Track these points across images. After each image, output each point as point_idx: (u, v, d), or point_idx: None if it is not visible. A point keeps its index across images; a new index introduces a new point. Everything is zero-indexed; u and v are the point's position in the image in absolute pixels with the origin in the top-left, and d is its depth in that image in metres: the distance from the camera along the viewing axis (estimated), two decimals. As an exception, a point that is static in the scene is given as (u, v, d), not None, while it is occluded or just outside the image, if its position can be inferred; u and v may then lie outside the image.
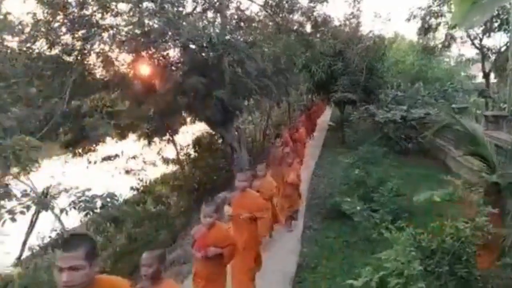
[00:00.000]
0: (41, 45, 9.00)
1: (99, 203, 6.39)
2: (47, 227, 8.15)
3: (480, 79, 34.22)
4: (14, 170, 6.43)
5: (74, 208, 6.19)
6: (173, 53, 10.22)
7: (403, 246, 3.39)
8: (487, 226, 4.00)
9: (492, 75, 23.59)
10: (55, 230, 8.15)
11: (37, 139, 6.19)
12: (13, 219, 5.43)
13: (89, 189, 6.55)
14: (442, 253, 4.06)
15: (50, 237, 8.25)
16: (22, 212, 5.58)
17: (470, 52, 40.58)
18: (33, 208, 6.14)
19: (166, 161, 14.78)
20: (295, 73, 16.41)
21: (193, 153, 15.61)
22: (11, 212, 5.49)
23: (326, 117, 29.98)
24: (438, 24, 21.80)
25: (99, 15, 9.40)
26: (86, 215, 6.48)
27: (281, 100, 21.19)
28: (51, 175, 8.00)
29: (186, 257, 7.10)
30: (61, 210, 6.17)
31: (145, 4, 9.12)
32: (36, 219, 6.67)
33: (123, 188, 12.24)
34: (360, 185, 8.77)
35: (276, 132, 14.60)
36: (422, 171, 12.37)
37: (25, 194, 6.06)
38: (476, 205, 4.38)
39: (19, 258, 6.79)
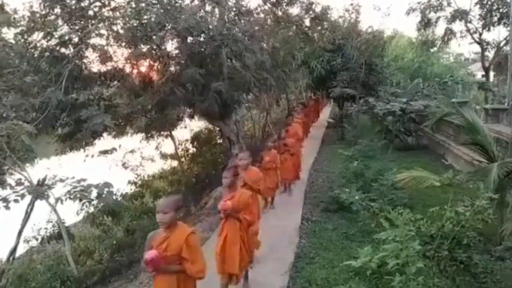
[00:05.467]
0: (37, 37, 8.91)
1: (94, 192, 6.33)
2: (43, 218, 8.06)
3: (479, 77, 34.25)
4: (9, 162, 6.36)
5: (70, 198, 6.11)
6: (171, 47, 10.16)
7: (402, 227, 3.32)
8: (487, 210, 3.93)
9: (491, 72, 23.54)
10: (51, 222, 8.08)
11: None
12: (7, 207, 5.37)
13: (84, 179, 6.48)
14: (442, 238, 3.99)
15: (46, 228, 8.17)
16: (16, 200, 5.52)
17: (469, 51, 40.59)
18: (28, 198, 6.08)
19: (164, 156, 14.73)
20: (294, 68, 16.33)
21: (191, 148, 15.58)
22: (5, 200, 5.43)
23: (325, 114, 29.93)
24: (438, 18, 21.73)
25: (97, 9, 9.32)
26: (82, 205, 6.40)
27: (280, 97, 21.15)
28: (47, 167, 7.91)
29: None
30: (56, 200, 6.10)
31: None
32: (31, 209, 6.60)
33: (121, 183, 12.17)
34: (358, 177, 8.72)
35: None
36: (421, 166, 12.27)
37: (19, 183, 5.99)
38: (476, 190, 4.31)
39: (14, 249, 6.71)
